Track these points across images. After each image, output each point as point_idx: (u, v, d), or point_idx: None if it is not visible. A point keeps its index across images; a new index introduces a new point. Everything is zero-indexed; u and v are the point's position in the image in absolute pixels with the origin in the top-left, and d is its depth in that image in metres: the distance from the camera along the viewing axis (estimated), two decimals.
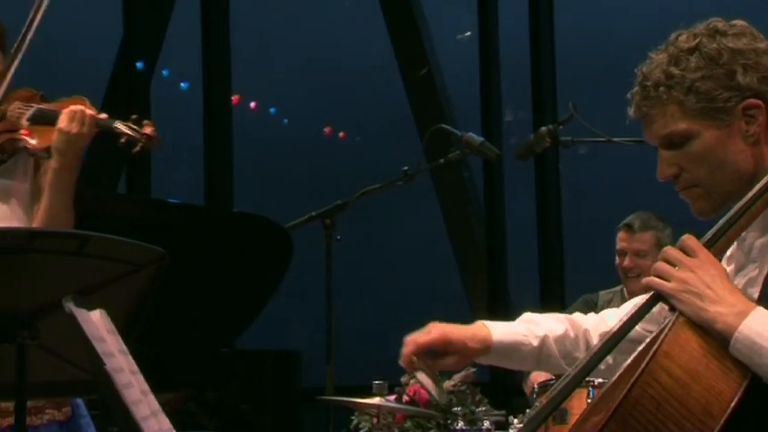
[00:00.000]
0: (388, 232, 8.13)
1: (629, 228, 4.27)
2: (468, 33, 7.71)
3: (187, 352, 4.66)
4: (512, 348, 2.05)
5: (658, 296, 1.78)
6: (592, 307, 4.25)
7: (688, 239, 1.78)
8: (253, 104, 8.31)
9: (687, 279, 1.73)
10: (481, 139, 3.87)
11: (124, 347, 1.94)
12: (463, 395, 3.79)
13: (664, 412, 1.63)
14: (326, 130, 8.79)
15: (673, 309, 1.76)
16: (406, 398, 3.80)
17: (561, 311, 2.30)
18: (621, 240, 4.27)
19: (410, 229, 7.99)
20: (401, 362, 2.03)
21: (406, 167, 3.94)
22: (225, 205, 6.74)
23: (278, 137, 8.55)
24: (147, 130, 2.54)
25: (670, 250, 1.78)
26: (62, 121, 2.50)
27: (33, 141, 2.55)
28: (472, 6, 7.04)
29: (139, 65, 6.68)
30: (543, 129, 3.68)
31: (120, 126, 2.53)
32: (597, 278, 4.62)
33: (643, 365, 1.65)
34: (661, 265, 1.78)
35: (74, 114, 2.51)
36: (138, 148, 2.53)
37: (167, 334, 4.20)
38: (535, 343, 2.05)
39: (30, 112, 2.56)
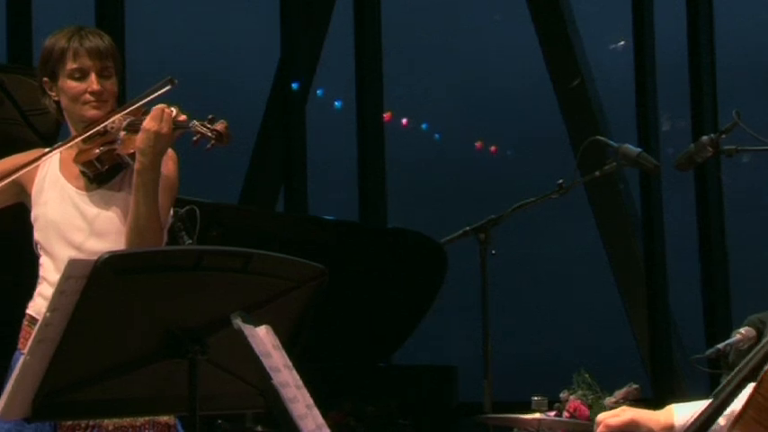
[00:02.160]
0: (543, 246, 8.05)
1: None
2: (622, 43, 7.58)
3: (346, 367, 4.73)
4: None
5: None
6: (761, 328, 4.08)
7: None
8: (404, 121, 8.38)
9: None
10: (638, 150, 3.80)
11: (289, 362, 2.00)
12: None
13: None
14: (478, 144, 8.78)
15: None
16: (566, 413, 3.76)
17: (727, 326, 2.28)
18: None
19: (565, 242, 7.89)
20: None
21: (560, 180, 3.90)
22: (379, 221, 6.82)
23: (430, 152, 8.60)
24: (219, 126, 2.59)
25: None
26: (146, 121, 2.62)
27: (123, 147, 2.68)
28: (626, 14, 6.92)
29: (295, 85, 6.85)
30: (704, 138, 3.58)
31: (194, 125, 2.61)
32: (766, 291, 4.45)
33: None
34: None
35: (155, 113, 2.62)
36: (209, 146, 2.59)
37: (327, 349, 4.27)
38: (722, 422, 2.06)
39: (125, 122, 2.69)
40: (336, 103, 8.00)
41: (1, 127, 3.69)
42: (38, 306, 2.67)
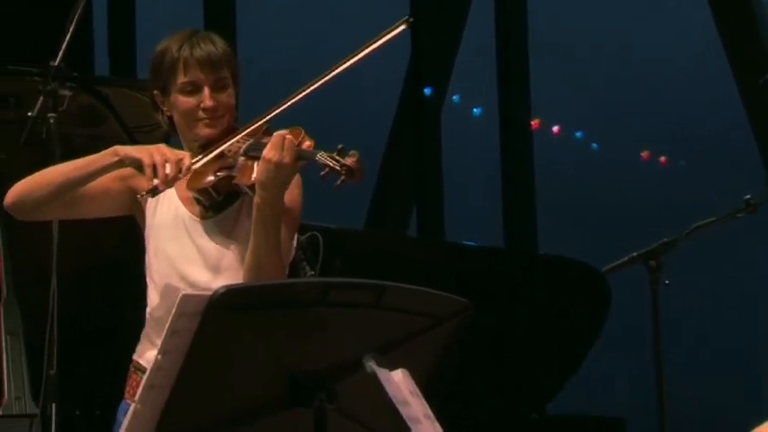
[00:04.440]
0: (727, 275, 7.88)
1: None
2: None
3: (493, 417, 4.73)
4: None
5: None
6: None
7: None
8: (556, 129, 8.36)
9: None
10: None
11: (429, 412, 2.01)
12: None
13: None
14: (644, 154, 8.68)
15: None
16: None
17: None
18: None
19: (756, 270, 7.69)
20: None
21: (747, 196, 3.84)
22: (526, 245, 6.80)
23: (587, 164, 8.54)
24: (349, 161, 2.53)
25: None
26: (266, 150, 2.59)
27: (242, 177, 2.66)
28: None
29: (427, 91, 6.91)
30: None
31: (321, 157, 2.56)
32: None
33: None
34: None
35: (276, 141, 2.59)
36: (339, 182, 2.54)
37: (471, 397, 4.28)
38: None
39: (244, 147, 2.68)
40: (475, 110, 8.03)
41: (104, 145, 3.83)
42: (145, 351, 2.75)
